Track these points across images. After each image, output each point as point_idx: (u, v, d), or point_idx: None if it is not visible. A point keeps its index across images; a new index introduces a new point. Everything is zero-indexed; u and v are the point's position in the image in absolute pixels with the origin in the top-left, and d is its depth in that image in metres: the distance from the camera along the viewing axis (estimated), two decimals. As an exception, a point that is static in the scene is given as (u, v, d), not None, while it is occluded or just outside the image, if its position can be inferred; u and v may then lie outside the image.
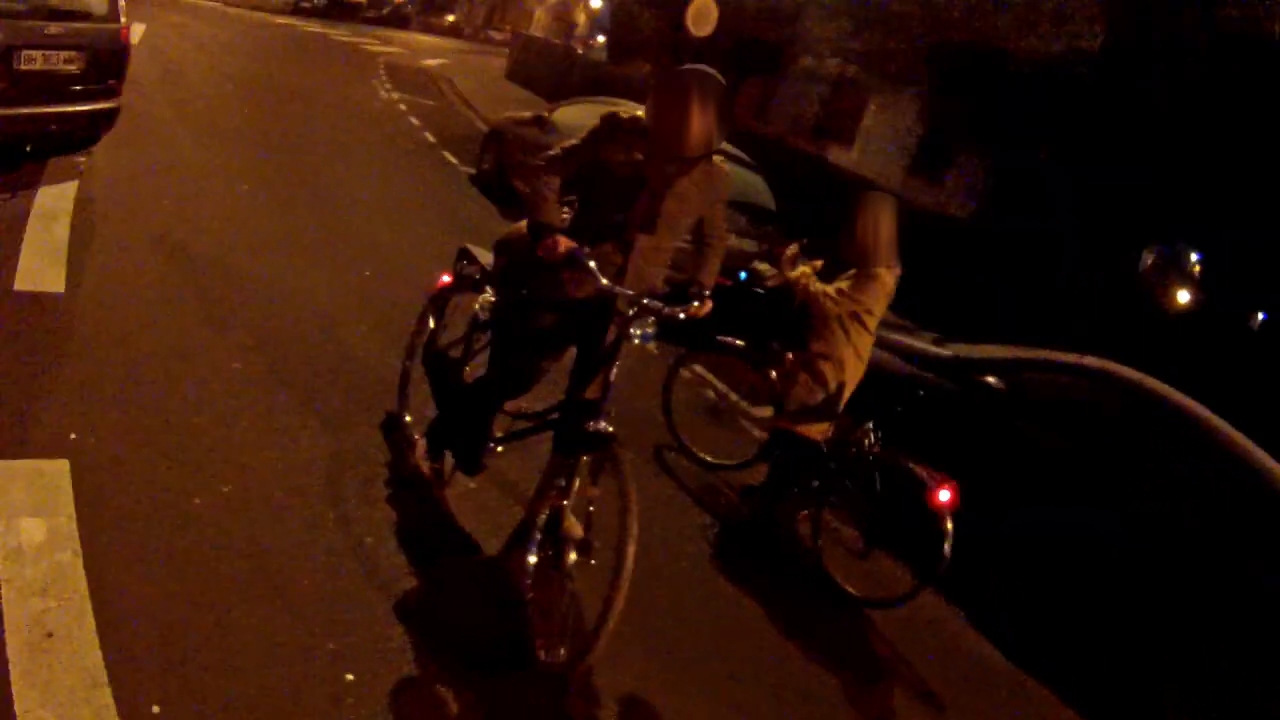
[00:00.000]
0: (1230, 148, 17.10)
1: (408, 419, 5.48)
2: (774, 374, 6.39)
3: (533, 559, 4.27)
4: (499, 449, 4.75)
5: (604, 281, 4.17)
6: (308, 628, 3.81)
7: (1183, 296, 21.51)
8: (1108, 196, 18.11)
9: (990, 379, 7.31)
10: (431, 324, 5.47)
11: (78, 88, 7.80)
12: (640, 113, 4.40)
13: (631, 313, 4.16)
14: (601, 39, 43.07)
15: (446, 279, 5.49)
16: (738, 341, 6.81)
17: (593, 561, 3.99)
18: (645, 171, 4.30)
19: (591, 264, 4.14)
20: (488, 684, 3.96)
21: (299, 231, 8.76)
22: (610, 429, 4.12)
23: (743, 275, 6.02)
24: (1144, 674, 6.50)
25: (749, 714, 4.54)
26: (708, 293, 4.53)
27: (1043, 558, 6.84)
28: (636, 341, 4.16)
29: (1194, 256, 22.11)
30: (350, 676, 3.64)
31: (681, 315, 4.38)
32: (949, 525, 5.75)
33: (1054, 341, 7.86)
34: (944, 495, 5.71)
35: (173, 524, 4.11)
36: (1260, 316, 18.99)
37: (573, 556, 4.11)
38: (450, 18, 61.20)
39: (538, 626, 4.16)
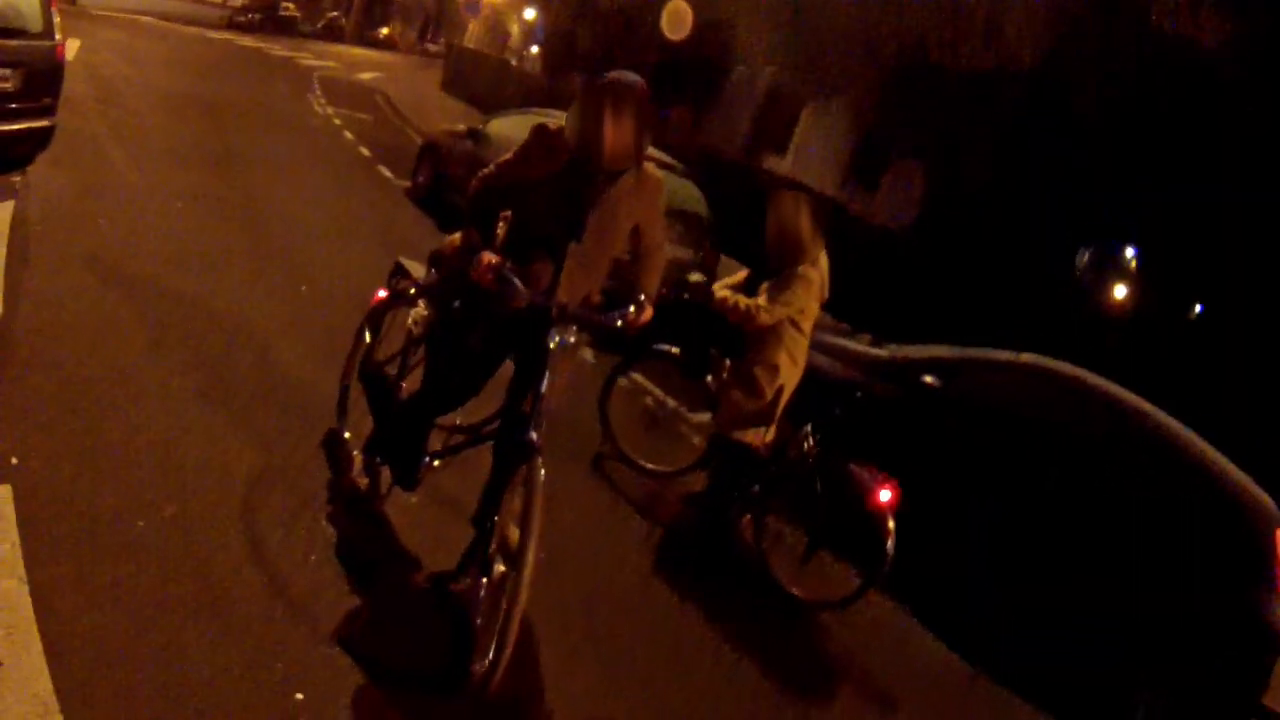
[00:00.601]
0: (1162, 150, 17.41)
1: (346, 435, 5.41)
2: (711, 381, 6.41)
3: (484, 578, 4.21)
4: (436, 464, 4.71)
5: (530, 295, 4.17)
6: (257, 648, 3.75)
7: (1120, 292, 21.86)
8: (1044, 201, 18.38)
9: (928, 378, 7.38)
10: (367, 339, 5.40)
11: (12, 105, 7.66)
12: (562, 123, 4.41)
13: (558, 320, 4.16)
14: (536, 50, 43.06)
15: (382, 294, 5.43)
16: (674, 350, 6.82)
17: (515, 573, 3.97)
18: (574, 182, 4.31)
19: (516, 281, 4.13)
20: (436, 701, 3.94)
21: (235, 250, 8.64)
22: (535, 439, 4.09)
23: (676, 286, 6.03)
24: (1099, 664, 6.57)
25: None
26: (645, 300, 4.51)
27: (987, 553, 6.91)
28: (553, 347, 4.15)
29: (1130, 253, 22.49)
30: (300, 696, 3.59)
31: (619, 324, 4.38)
32: (891, 525, 5.79)
33: (994, 343, 7.96)
34: (884, 495, 5.76)
35: (118, 548, 4.02)
36: (1197, 308, 19.37)
37: (500, 568, 4.09)
38: (385, 31, 60.93)
39: (476, 642, 4.12)
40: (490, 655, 3.90)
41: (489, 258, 4.14)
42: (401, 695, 3.90)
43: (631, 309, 4.43)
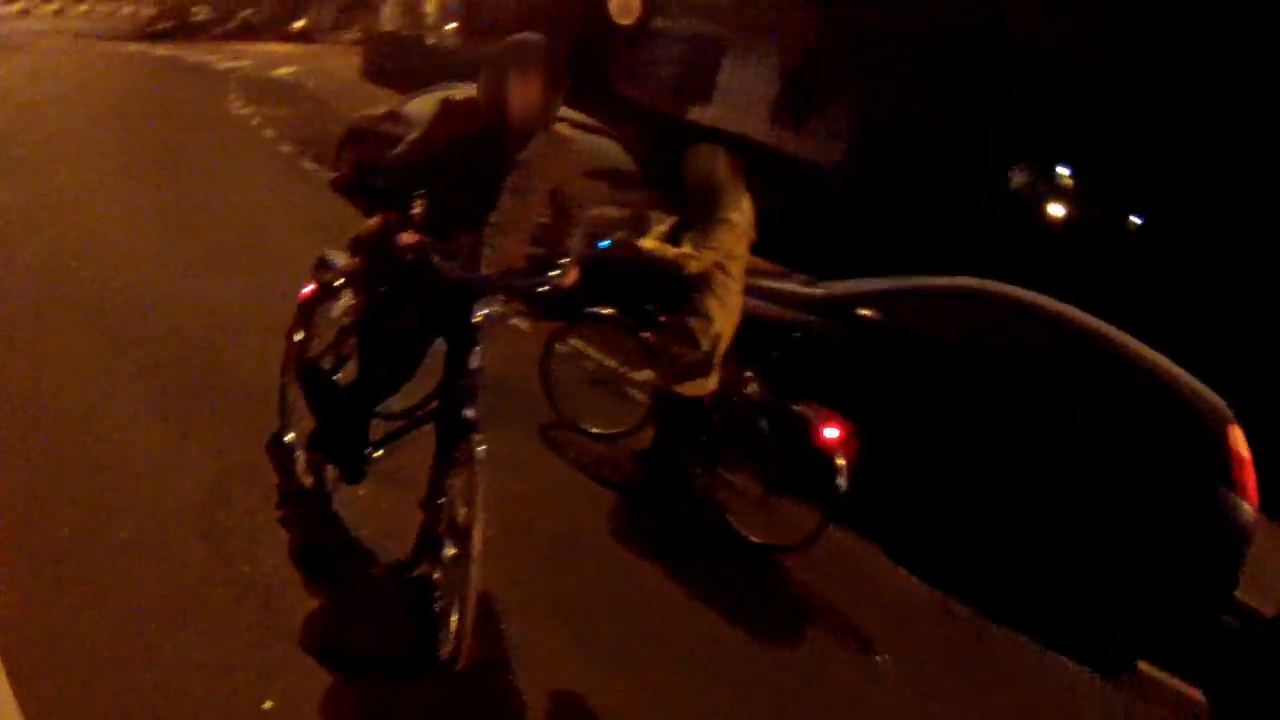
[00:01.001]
0: (1091, 73, 17.50)
1: (291, 435, 5.34)
2: (649, 337, 6.39)
3: (436, 559, 4.21)
4: (378, 453, 4.67)
5: (452, 270, 4.13)
6: (226, 655, 3.74)
7: (1057, 210, 22.05)
8: (975, 126, 18.43)
9: (866, 312, 7.38)
10: (300, 336, 5.33)
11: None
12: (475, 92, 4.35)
13: (482, 293, 4.13)
14: (453, 26, 42.61)
15: (310, 289, 5.35)
16: (607, 310, 6.79)
17: (462, 551, 3.96)
18: (485, 152, 4.25)
19: (437, 257, 4.08)
20: (408, 687, 3.95)
21: (167, 258, 8.52)
22: (472, 415, 4.07)
23: (603, 244, 5.98)
24: (1070, 581, 6.62)
25: (675, 681, 4.57)
26: (568, 262, 4.46)
27: (945, 481, 6.97)
28: (479, 319, 4.12)
29: (1064, 171, 22.67)
30: (269, 704, 3.58)
31: (545, 289, 4.34)
32: (841, 460, 5.82)
33: (936, 272, 7.97)
34: (832, 432, 5.78)
35: (81, 566, 4.00)
36: (1135, 220, 19.57)
37: (451, 550, 4.07)
38: (299, 24, 59.90)
39: (440, 625, 4.11)
40: (453, 635, 3.91)
41: (408, 237, 4.09)
42: (372, 686, 3.89)
43: (556, 272, 4.38)
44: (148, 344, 6.38)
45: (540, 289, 4.35)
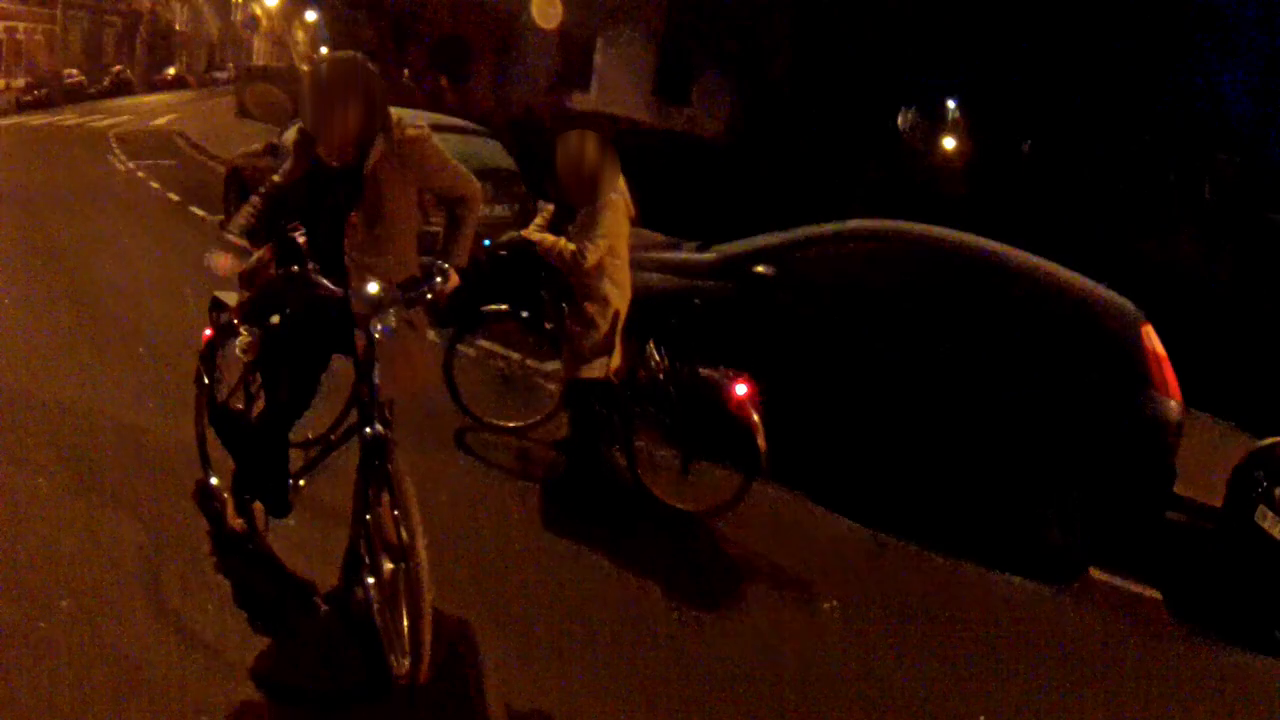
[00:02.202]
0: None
1: (214, 482, 5.28)
2: (550, 327, 6.38)
3: (369, 580, 4.16)
4: (301, 483, 4.63)
5: (332, 291, 4.12)
6: (183, 712, 3.68)
7: (949, 143, 22.37)
8: (857, 75, 18.58)
9: (760, 268, 7.41)
10: (206, 381, 5.29)
11: None
12: None
13: (367, 310, 4.10)
14: (325, 51, 42.12)
15: (208, 333, 5.29)
16: (504, 308, 6.74)
17: (410, 565, 3.93)
18: (327, 173, 4.26)
19: (320, 280, 4.08)
20: (367, 716, 3.93)
21: (66, 330, 8.30)
22: (382, 431, 4.06)
23: (485, 242, 5.96)
24: (1006, 503, 6.74)
25: (625, 666, 4.56)
26: (448, 266, 4.41)
27: (860, 421, 7.04)
28: (378, 336, 4.09)
29: (951, 104, 23.01)
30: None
31: (429, 295, 4.32)
32: (755, 418, 5.84)
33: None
34: (740, 390, 5.81)
35: (25, 653, 3.89)
36: (1027, 144, 19.93)
37: (389, 566, 4.03)
38: (172, 71, 58.98)
39: (388, 645, 4.08)
40: (407, 653, 3.87)
41: (287, 266, 4.11)
42: (335, 717, 3.89)
43: (437, 279, 4.37)
44: (57, 428, 6.18)
45: (424, 298, 4.34)
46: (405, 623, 3.90)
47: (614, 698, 4.32)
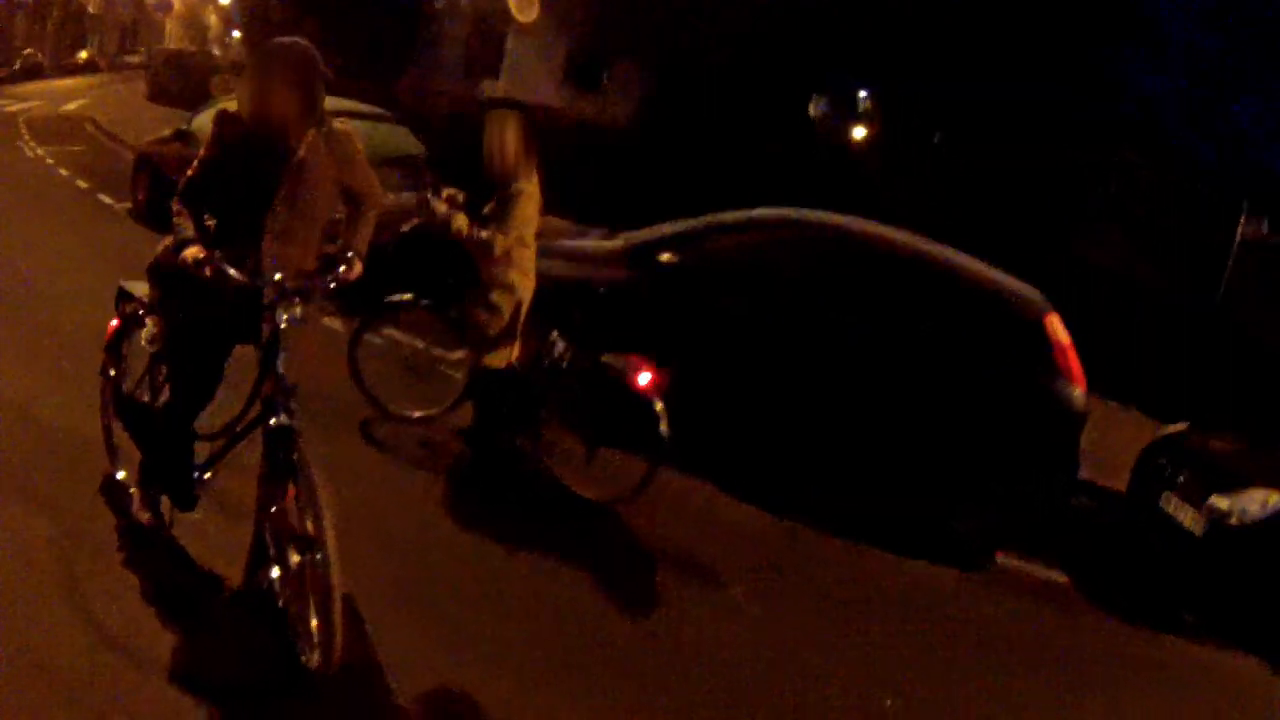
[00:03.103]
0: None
1: (121, 475, 5.18)
2: (454, 315, 6.33)
3: (275, 571, 4.12)
4: (207, 476, 4.56)
5: (241, 280, 4.06)
6: (93, 711, 3.62)
7: (859, 132, 22.53)
8: (768, 63, 18.62)
9: (665, 256, 7.40)
10: (113, 372, 5.18)
11: None
12: None
13: (275, 300, 4.06)
14: (238, 35, 41.38)
15: (115, 323, 5.17)
16: (407, 296, 6.66)
17: (318, 556, 3.89)
18: (257, 159, 4.18)
19: (229, 269, 4.02)
20: (280, 708, 3.90)
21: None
22: (287, 421, 4.01)
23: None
24: (916, 490, 6.83)
25: (537, 653, 4.57)
26: (352, 255, 4.42)
27: (767, 409, 7.07)
28: (284, 325, 4.05)
29: (862, 94, 23.17)
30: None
31: (332, 285, 4.30)
32: (659, 405, 5.85)
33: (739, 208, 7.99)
34: (643, 379, 5.81)
35: None
36: (937, 136, 20.13)
37: (295, 558, 3.97)
38: (83, 54, 57.36)
39: (297, 636, 4.05)
40: (317, 644, 3.84)
41: (193, 253, 4.01)
42: (245, 708, 3.84)
43: (341, 268, 4.35)
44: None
45: (328, 287, 4.31)
46: (314, 614, 3.86)
47: (523, 682, 4.33)
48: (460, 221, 5.85)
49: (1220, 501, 6.74)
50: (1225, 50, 21.29)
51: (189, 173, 4.31)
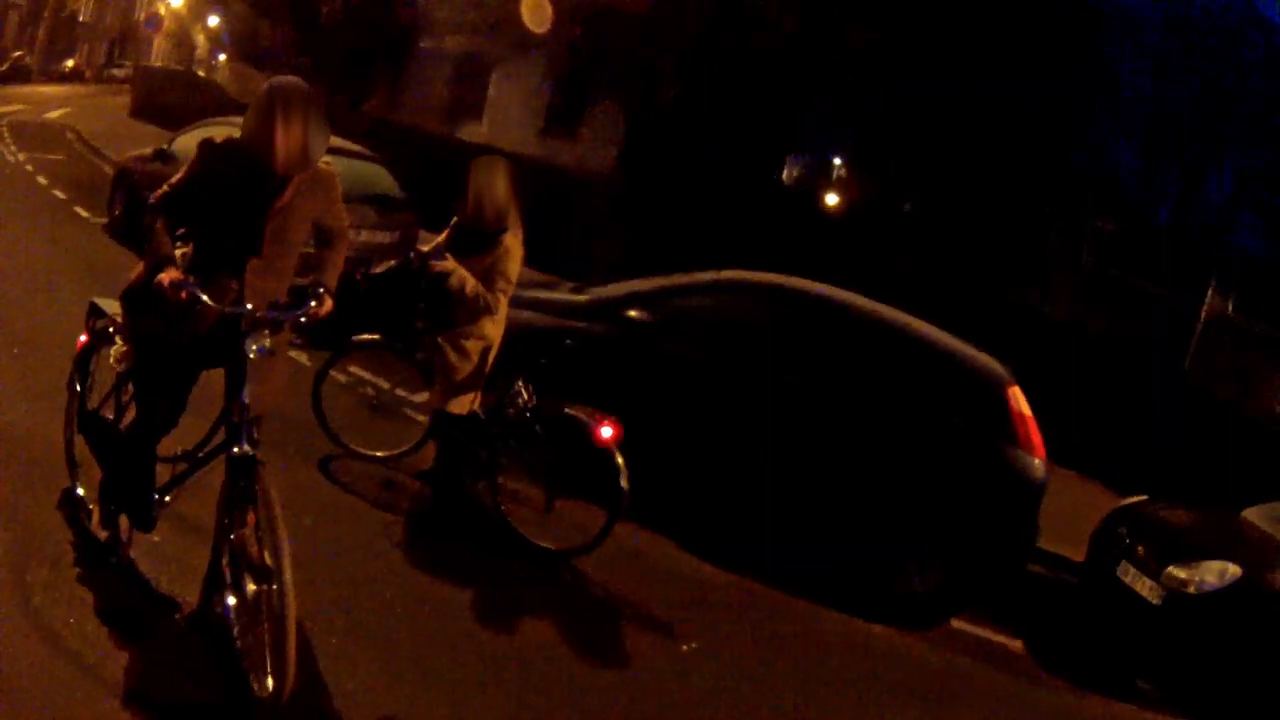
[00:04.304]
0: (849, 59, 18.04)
1: (81, 491, 5.10)
2: (421, 358, 6.30)
3: (231, 599, 4.07)
4: (167, 499, 4.53)
5: (219, 308, 4.07)
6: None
7: (831, 199, 22.74)
8: (745, 124, 18.79)
9: (633, 313, 7.42)
10: (78, 388, 5.13)
11: None
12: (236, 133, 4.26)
13: (247, 330, 4.07)
14: (224, 57, 41.32)
15: (84, 339, 5.13)
16: (375, 337, 6.66)
17: (274, 586, 3.88)
18: (247, 193, 4.19)
19: (204, 295, 4.02)
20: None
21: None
22: (250, 450, 4.00)
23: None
24: (871, 554, 6.82)
25: (486, 694, 4.56)
26: (323, 291, 4.41)
27: (728, 469, 7.07)
28: (253, 356, 4.05)
29: (836, 161, 23.44)
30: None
31: (303, 319, 4.30)
32: (620, 459, 5.84)
33: (717, 267, 8.03)
34: (606, 431, 5.81)
35: None
36: (907, 206, 20.40)
37: (252, 586, 3.95)
38: (70, 63, 57.01)
39: (250, 663, 4.00)
40: (269, 672, 3.81)
41: (170, 276, 4.01)
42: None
43: (312, 303, 4.35)
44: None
45: (298, 321, 4.32)
46: (268, 642, 3.83)
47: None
48: (471, 283, 5.81)
49: (1178, 572, 6.83)
50: (1190, 117, 21.75)
51: (167, 187, 4.29)
